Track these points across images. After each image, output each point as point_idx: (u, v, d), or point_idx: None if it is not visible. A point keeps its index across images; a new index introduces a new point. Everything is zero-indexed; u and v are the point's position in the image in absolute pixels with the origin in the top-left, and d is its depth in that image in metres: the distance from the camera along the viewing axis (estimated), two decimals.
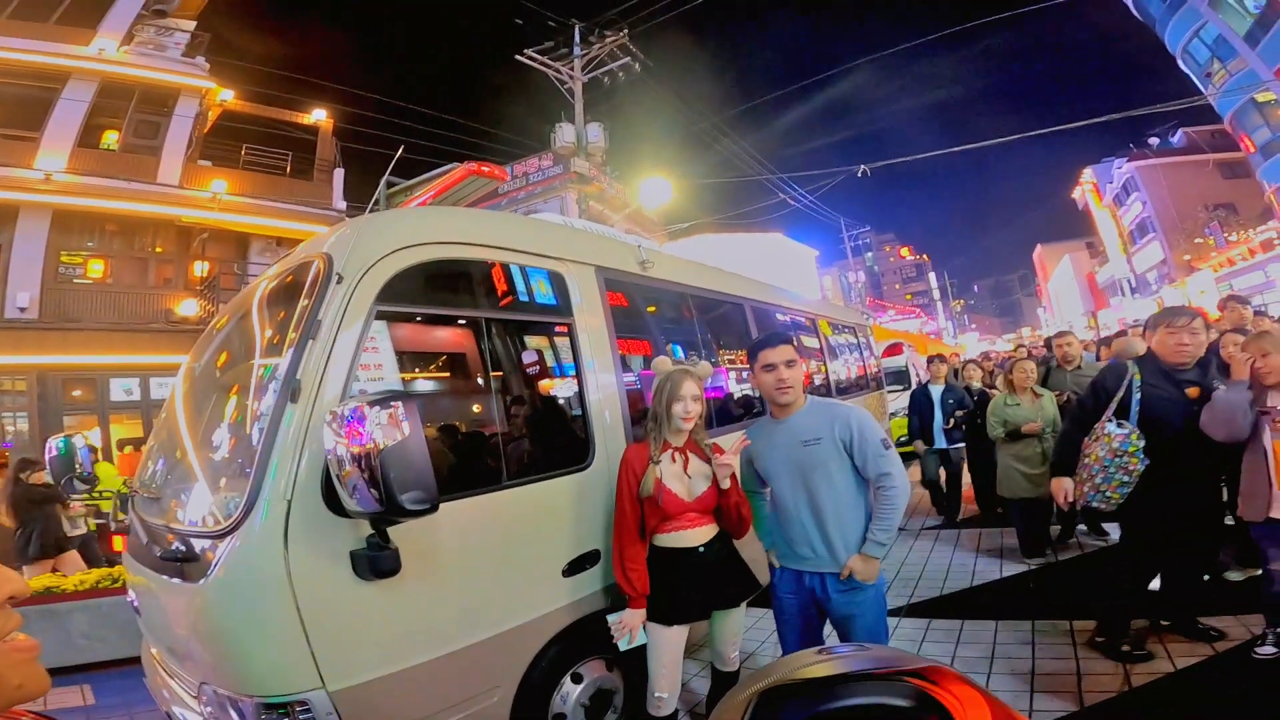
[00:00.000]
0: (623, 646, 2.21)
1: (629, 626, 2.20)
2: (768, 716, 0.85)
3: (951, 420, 5.61)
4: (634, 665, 2.38)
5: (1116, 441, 2.67)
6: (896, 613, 3.77)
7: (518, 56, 13.48)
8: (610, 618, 2.24)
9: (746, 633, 3.29)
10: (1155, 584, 2.99)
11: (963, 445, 5.72)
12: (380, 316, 1.94)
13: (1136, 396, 2.73)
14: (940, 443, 5.78)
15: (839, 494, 2.16)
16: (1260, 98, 19.53)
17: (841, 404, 2.36)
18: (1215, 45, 20.63)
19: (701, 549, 2.25)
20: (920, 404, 5.94)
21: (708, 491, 2.25)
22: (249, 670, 1.67)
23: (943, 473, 5.98)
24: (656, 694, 2.24)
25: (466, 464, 2.20)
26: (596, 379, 2.57)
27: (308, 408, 1.70)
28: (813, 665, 0.94)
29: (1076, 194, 38.03)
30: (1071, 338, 5.08)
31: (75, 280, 11.16)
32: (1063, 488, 2.86)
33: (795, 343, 2.32)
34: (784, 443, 2.23)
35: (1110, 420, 2.75)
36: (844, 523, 2.15)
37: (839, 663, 0.96)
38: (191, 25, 12.87)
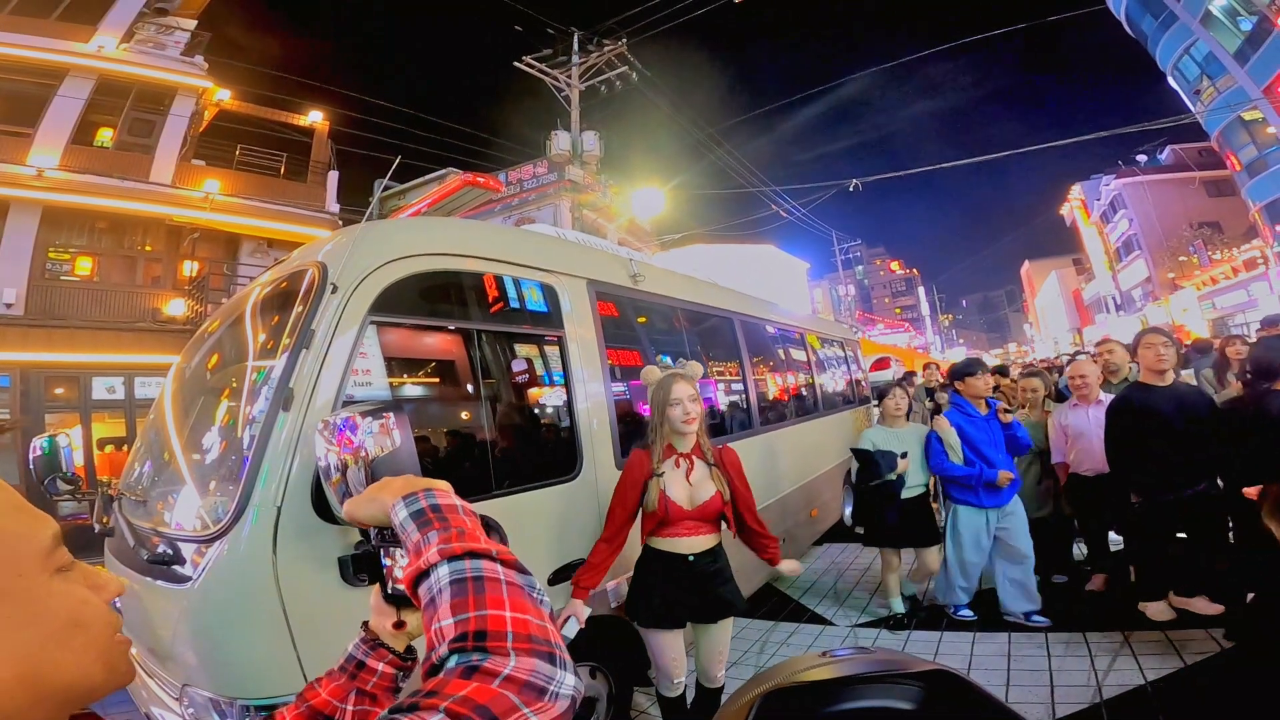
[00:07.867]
0: (568, 635, 2.10)
1: (569, 613, 2.11)
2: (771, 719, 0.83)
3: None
4: (621, 672, 2.40)
5: None
6: (884, 623, 3.82)
7: (516, 63, 13.58)
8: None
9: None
10: None
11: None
12: (374, 325, 1.96)
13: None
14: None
15: None
16: (1247, 115, 19.43)
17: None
18: (1205, 63, 20.52)
19: (691, 558, 2.25)
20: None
21: (711, 500, 2.24)
22: (234, 673, 1.67)
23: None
24: (674, 679, 2.32)
25: (455, 473, 2.21)
26: (585, 391, 2.59)
27: (300, 415, 1.72)
28: (816, 668, 0.93)
29: (1065, 210, 38.46)
30: (1115, 344, 4.29)
31: (62, 277, 11.02)
32: None
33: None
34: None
35: None
36: None
37: (843, 665, 0.95)
38: (192, 24, 12.84)
